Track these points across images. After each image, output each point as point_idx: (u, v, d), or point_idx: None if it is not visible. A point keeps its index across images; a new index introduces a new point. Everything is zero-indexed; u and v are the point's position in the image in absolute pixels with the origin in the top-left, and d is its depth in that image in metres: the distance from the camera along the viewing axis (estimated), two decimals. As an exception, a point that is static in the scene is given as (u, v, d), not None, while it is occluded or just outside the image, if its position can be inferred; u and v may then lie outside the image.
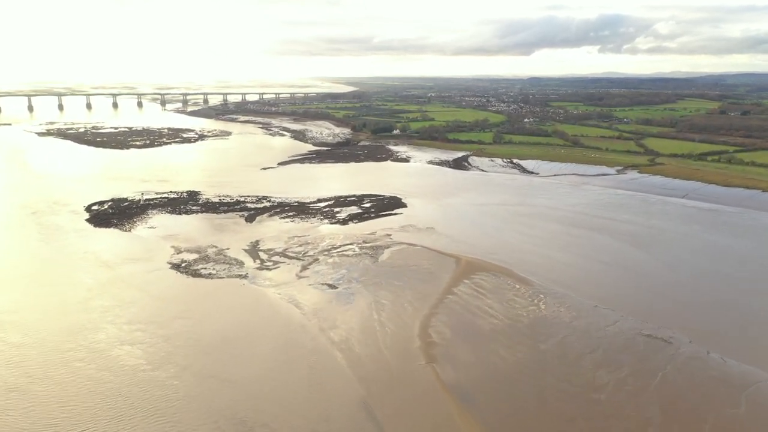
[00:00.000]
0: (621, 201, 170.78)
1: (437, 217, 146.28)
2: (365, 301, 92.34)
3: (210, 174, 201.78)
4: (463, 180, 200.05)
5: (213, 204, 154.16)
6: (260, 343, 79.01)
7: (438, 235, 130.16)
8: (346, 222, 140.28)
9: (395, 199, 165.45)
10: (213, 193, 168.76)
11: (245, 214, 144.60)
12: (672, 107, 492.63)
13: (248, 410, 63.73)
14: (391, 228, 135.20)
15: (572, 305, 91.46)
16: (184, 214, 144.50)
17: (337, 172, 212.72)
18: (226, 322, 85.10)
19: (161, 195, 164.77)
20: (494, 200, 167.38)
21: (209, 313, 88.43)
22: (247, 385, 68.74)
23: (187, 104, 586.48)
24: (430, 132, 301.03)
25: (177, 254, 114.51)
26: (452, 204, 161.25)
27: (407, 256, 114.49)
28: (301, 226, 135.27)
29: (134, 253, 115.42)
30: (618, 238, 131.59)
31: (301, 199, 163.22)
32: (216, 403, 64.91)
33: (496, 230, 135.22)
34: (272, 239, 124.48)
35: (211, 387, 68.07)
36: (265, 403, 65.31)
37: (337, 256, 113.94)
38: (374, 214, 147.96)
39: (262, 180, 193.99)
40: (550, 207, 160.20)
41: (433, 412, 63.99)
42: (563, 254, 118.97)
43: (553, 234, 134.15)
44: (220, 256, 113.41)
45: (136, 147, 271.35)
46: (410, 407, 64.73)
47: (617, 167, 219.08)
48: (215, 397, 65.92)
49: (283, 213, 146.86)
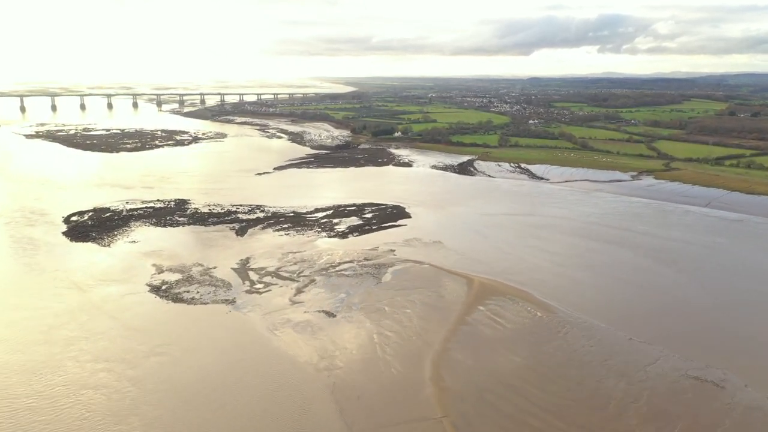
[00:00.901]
0: (639, 210, 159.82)
1: (444, 229, 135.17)
2: (367, 333, 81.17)
3: (201, 180, 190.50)
4: (469, 186, 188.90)
5: (202, 215, 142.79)
6: (246, 388, 67.77)
7: (446, 250, 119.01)
8: (346, 235, 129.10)
9: (398, 208, 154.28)
10: (203, 202, 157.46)
11: (236, 226, 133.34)
12: (678, 108, 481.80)
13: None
14: (394, 242, 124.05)
15: (603, 338, 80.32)
16: (169, 226, 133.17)
17: (336, 177, 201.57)
18: (208, 361, 73.89)
19: (147, 204, 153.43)
20: (504, 209, 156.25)
21: (189, 348, 77.23)
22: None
23: (184, 105, 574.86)
24: (432, 134, 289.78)
25: (158, 274, 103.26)
26: (459, 214, 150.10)
27: (413, 277, 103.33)
28: (297, 240, 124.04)
29: (111, 272, 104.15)
30: (641, 253, 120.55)
31: (298, 208, 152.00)
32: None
33: (508, 245, 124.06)
34: (264, 256, 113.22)
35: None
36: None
37: (336, 277, 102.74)
38: (376, 226, 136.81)
39: (257, 187, 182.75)
40: (564, 217, 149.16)
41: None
42: (584, 273, 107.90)
43: (569, 249, 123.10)
44: (206, 276, 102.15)
45: (127, 150, 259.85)
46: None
47: (631, 172, 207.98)
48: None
49: (277, 225, 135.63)
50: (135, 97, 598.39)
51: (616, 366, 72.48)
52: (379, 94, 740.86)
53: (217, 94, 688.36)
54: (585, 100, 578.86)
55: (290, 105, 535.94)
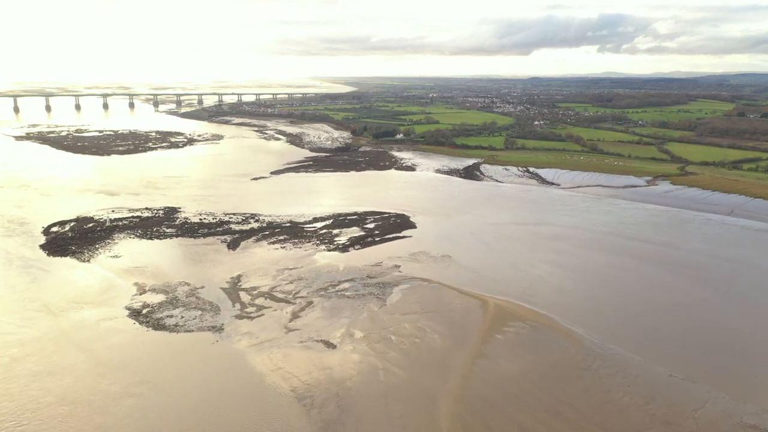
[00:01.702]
0: (658, 219, 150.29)
1: (452, 242, 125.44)
2: (371, 369, 71.47)
3: (194, 185, 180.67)
4: (476, 192, 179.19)
5: (191, 225, 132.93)
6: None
7: (456, 266, 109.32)
8: (347, 248, 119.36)
9: (402, 217, 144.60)
10: (194, 210, 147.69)
11: (228, 238, 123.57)
12: (685, 109, 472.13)
13: None
14: (399, 256, 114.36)
15: (640, 375, 70.59)
16: (156, 238, 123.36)
17: (336, 182, 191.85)
18: (189, 404, 64.20)
19: (134, 213, 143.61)
20: (515, 218, 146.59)
21: (168, 387, 67.53)
22: None
23: (181, 105, 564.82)
24: (436, 136, 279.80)
25: (140, 295, 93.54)
26: (468, 224, 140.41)
27: (422, 298, 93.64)
28: (294, 255, 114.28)
29: (88, 293, 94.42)
30: (667, 268, 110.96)
31: (295, 217, 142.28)
32: None
33: (523, 260, 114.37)
34: (258, 273, 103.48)
35: None
36: None
37: (336, 298, 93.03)
38: (379, 238, 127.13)
39: (252, 193, 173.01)
40: (579, 227, 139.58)
41: None
42: (606, 294, 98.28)
43: (588, 264, 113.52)
44: (192, 297, 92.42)
45: (118, 153, 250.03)
46: None
47: (646, 177, 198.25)
48: None
49: (272, 236, 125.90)
50: (131, 97, 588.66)
51: (660, 412, 62.77)
52: (380, 94, 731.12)
53: (215, 95, 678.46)
54: (589, 100, 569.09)
55: (289, 105, 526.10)
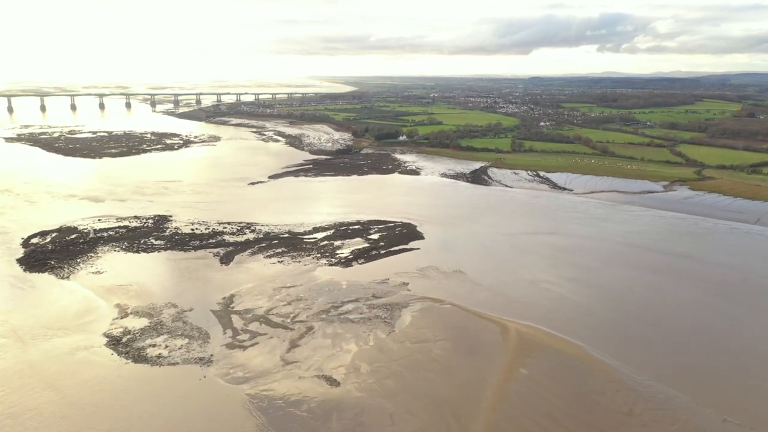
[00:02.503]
0: (679, 228, 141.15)
1: (463, 254, 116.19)
2: (381, 412, 62.17)
3: (187, 191, 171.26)
4: (485, 199, 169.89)
5: (182, 236, 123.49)
6: None
7: (470, 283, 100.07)
8: (350, 262, 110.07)
9: (408, 226, 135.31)
10: (186, 219, 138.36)
11: (221, 252, 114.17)
12: (693, 109, 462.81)
13: None
14: (407, 272, 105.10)
15: (690, 420, 61.37)
16: (143, 251, 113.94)
17: (337, 188, 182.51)
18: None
19: (121, 223, 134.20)
20: (528, 227, 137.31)
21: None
22: None
23: (179, 105, 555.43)
24: (440, 138, 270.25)
25: (121, 319, 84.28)
26: (478, 234, 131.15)
27: (434, 322, 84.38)
28: (292, 270, 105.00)
29: (64, 316, 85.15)
30: (694, 285, 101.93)
31: (294, 227, 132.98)
32: None
33: (539, 275, 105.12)
34: (253, 292, 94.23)
35: None
36: None
37: (339, 323, 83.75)
38: (384, 250, 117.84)
39: (248, 199, 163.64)
40: (596, 237, 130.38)
41: None
42: (634, 316, 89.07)
43: (610, 281, 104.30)
44: (179, 322, 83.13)
45: (111, 155, 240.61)
46: None
47: (662, 182, 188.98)
48: None
49: (269, 249, 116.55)
50: (128, 97, 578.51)
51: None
52: (380, 94, 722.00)
53: (214, 94, 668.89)
54: (593, 100, 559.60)
55: (288, 106, 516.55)
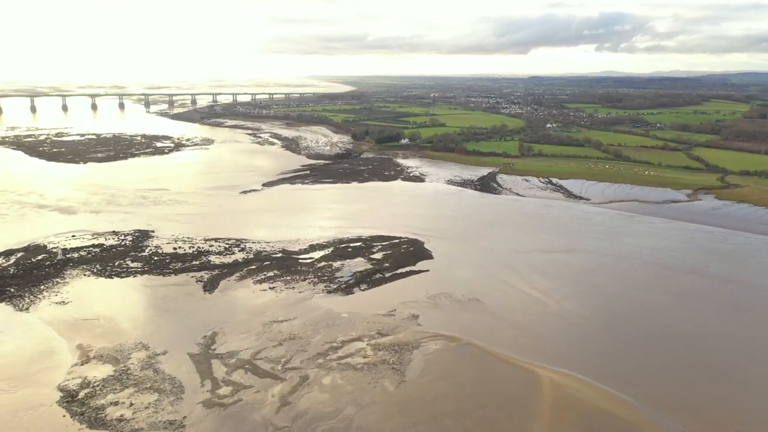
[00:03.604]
0: (709, 243, 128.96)
1: (478, 278, 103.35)
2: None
3: (173, 201, 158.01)
4: (496, 209, 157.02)
5: (162, 258, 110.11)
6: None
7: (488, 314, 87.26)
8: (351, 288, 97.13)
9: (415, 243, 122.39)
10: (169, 235, 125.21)
11: (205, 276, 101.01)
12: (701, 110, 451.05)
13: None
14: (416, 300, 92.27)
15: None
16: (117, 276, 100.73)
17: (336, 196, 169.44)
18: None
19: (96, 240, 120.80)
20: (545, 243, 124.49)
21: None
22: None
23: (174, 105, 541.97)
24: (444, 141, 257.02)
25: (81, 365, 71.24)
26: (492, 252, 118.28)
27: (452, 368, 71.48)
28: (285, 299, 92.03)
29: (13, 362, 72.07)
30: (744, 316, 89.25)
31: (288, 244, 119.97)
32: None
33: (565, 305, 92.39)
34: (239, 329, 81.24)
35: None
36: None
37: (339, 370, 70.80)
38: (390, 272, 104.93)
39: (240, 210, 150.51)
40: (620, 255, 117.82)
41: None
42: (683, 360, 76.35)
43: (647, 313, 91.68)
44: (149, 370, 70.09)
45: (96, 160, 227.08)
46: None
47: (685, 190, 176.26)
48: None
49: (260, 272, 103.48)
50: (121, 97, 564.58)
51: None
52: (379, 94, 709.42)
53: (210, 94, 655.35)
54: (597, 100, 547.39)
55: (286, 106, 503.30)
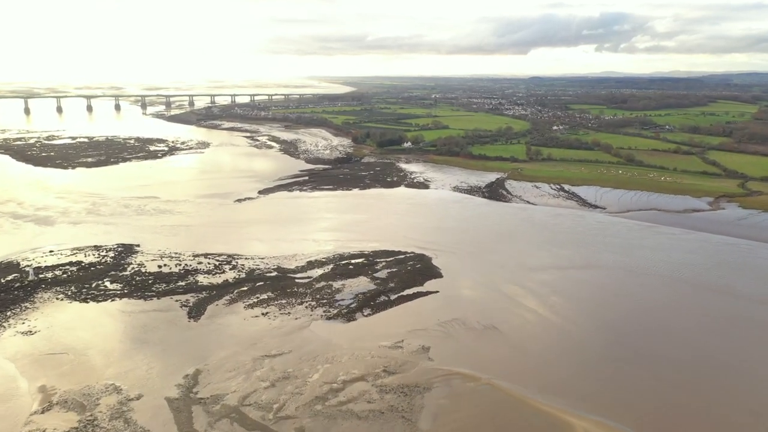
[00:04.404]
0: (735, 257, 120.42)
1: (493, 301, 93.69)
2: None
3: (162, 211, 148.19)
4: (506, 219, 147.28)
5: (145, 278, 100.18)
6: None
7: (507, 346, 77.56)
8: (353, 314, 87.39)
9: (422, 259, 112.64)
10: (155, 249, 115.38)
11: (191, 300, 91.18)
12: (709, 111, 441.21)
13: None
14: (425, 328, 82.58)
15: None
16: (92, 300, 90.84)
17: (337, 205, 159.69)
18: None
19: (75, 256, 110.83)
20: (561, 259, 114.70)
21: None
22: None
23: (171, 107, 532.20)
24: (449, 145, 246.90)
25: (41, 413, 61.50)
26: (506, 269, 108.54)
27: (472, 416, 61.70)
28: (280, 327, 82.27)
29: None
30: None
31: (284, 260, 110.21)
32: None
33: (594, 334, 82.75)
34: (225, 366, 71.44)
35: None
36: None
37: (341, 419, 60.97)
38: (395, 293, 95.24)
39: (233, 221, 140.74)
40: (642, 272, 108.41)
41: None
42: (727, 402, 66.64)
43: (681, 340, 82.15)
44: (119, 420, 60.31)
45: (85, 165, 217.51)
46: None
47: (706, 198, 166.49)
48: None
49: (252, 294, 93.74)
50: (117, 99, 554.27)
51: None
52: (380, 95, 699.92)
53: (208, 95, 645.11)
54: (602, 101, 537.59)
55: (285, 108, 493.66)
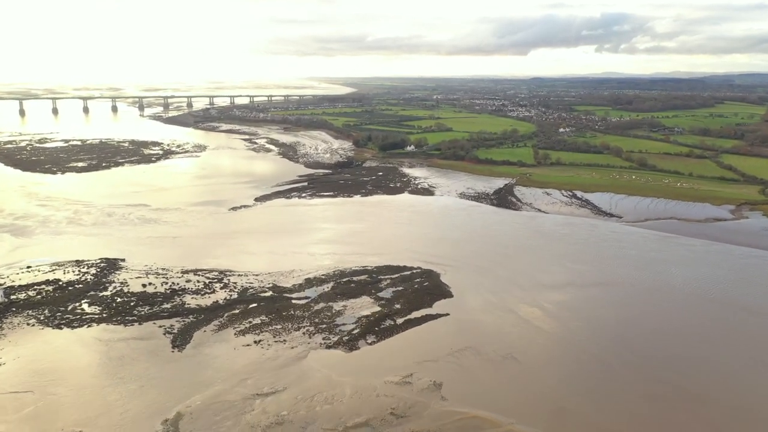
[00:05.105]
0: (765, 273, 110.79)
1: (509, 324, 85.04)
2: None
3: (151, 221, 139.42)
4: (518, 229, 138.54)
5: (126, 299, 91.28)
6: None
7: (531, 380, 68.90)
8: (355, 341, 78.65)
9: (429, 275, 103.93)
10: (141, 265, 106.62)
11: (176, 325, 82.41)
12: (717, 112, 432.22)
13: None
14: (436, 359, 73.90)
15: None
16: (66, 326, 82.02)
17: (337, 213, 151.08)
18: None
19: (54, 273, 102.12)
20: (577, 275, 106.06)
21: None
22: None
23: (169, 108, 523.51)
24: (454, 149, 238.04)
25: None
26: (520, 287, 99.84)
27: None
28: (273, 358, 73.50)
29: None
30: None
31: (280, 277, 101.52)
32: None
33: (624, 368, 74.07)
34: (211, 408, 62.70)
35: None
36: None
37: (341, 479, 52.40)
38: (401, 317, 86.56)
39: (226, 233, 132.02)
40: (670, 289, 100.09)
41: None
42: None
43: (719, 373, 73.34)
44: (83, 481, 51.73)
45: (76, 170, 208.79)
46: None
47: (727, 206, 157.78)
48: None
49: (244, 318, 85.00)
50: (114, 100, 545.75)
51: None
52: (380, 96, 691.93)
53: (206, 97, 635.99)
54: (607, 102, 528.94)
55: (284, 109, 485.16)
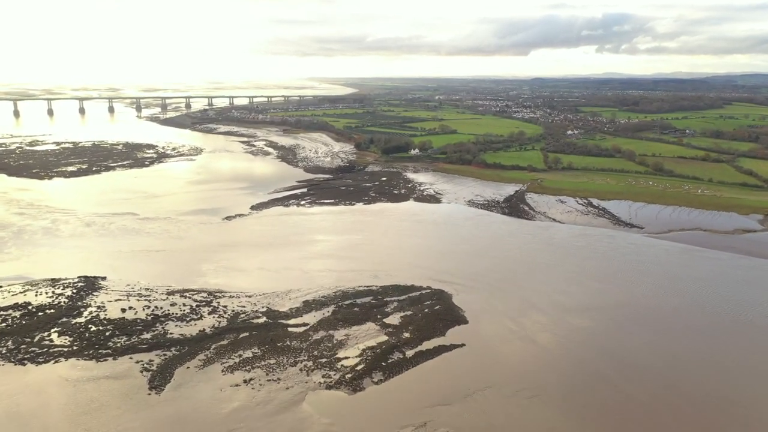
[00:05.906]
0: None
1: (531, 357, 75.41)
2: None
3: (137, 232, 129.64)
4: (532, 241, 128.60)
5: (102, 327, 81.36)
6: None
7: (562, 424, 59.16)
8: (360, 380, 68.86)
9: (441, 297, 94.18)
10: (122, 285, 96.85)
11: (155, 360, 72.57)
12: (727, 114, 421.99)
13: None
14: (451, 402, 64.09)
15: None
16: (31, 361, 72.20)
17: (338, 223, 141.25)
18: None
19: (24, 295, 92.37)
20: (602, 297, 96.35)
21: None
22: None
23: (167, 109, 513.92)
24: (459, 152, 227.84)
25: None
26: (538, 309, 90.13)
27: None
28: (265, 403, 63.69)
29: None
30: None
31: (275, 299, 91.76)
32: None
33: (662, 411, 64.35)
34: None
35: None
36: None
37: None
38: (412, 348, 76.87)
39: (219, 245, 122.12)
40: (705, 312, 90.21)
41: None
42: None
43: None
44: None
45: (64, 175, 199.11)
46: None
47: (754, 215, 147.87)
48: None
49: (234, 351, 75.22)
50: (111, 101, 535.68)
51: None
52: (382, 97, 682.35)
53: (205, 97, 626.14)
54: (612, 103, 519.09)
55: (284, 110, 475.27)
